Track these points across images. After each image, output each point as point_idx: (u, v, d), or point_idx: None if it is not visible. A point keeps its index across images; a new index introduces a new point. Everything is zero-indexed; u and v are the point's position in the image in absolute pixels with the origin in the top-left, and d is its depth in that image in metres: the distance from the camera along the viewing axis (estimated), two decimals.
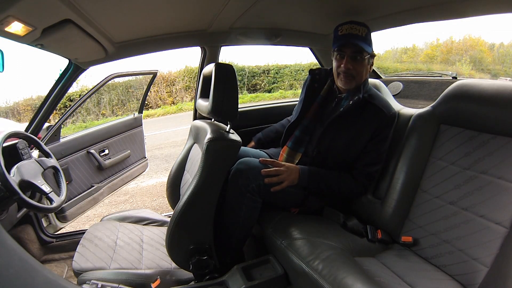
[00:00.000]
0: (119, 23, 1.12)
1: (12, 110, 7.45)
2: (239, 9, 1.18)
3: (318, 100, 1.22)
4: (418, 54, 11.10)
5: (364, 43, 1.07)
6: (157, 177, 3.43)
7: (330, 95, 1.22)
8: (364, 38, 1.07)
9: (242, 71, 9.13)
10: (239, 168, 1.08)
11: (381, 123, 1.09)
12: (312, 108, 1.22)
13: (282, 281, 1.00)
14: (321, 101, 1.21)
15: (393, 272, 0.92)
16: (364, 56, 1.09)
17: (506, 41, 10.38)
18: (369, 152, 1.12)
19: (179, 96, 8.82)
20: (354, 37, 1.06)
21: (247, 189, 1.06)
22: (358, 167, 1.13)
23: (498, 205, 0.81)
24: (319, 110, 1.22)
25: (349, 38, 1.06)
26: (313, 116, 1.21)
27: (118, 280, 0.99)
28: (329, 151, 1.14)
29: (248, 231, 1.14)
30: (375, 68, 1.98)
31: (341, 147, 1.12)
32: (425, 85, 1.69)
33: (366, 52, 1.08)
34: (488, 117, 0.88)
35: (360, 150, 1.12)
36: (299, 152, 1.22)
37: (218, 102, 0.98)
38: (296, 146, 1.22)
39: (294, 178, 1.10)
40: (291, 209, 1.20)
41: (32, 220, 1.54)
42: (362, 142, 1.11)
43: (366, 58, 1.10)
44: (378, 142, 1.11)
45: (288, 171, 1.10)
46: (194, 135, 1.32)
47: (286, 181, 1.09)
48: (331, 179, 1.12)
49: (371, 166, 1.12)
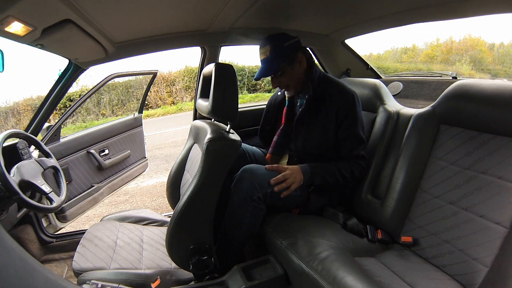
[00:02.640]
0: (119, 23, 1.12)
1: (12, 110, 7.45)
2: (239, 9, 1.18)
3: (287, 105, 1.29)
4: (418, 54, 11.11)
5: (271, 62, 1.13)
6: (157, 177, 3.43)
7: (293, 98, 1.29)
8: (270, 58, 1.13)
9: (242, 71, 9.13)
10: (244, 177, 1.08)
11: (341, 105, 1.13)
12: (284, 113, 1.29)
13: (282, 281, 1.00)
14: (289, 105, 1.29)
15: (393, 272, 0.92)
16: (277, 71, 1.15)
17: (506, 41, 10.40)
18: (346, 139, 1.15)
19: (179, 96, 8.82)
20: (263, 62, 1.16)
21: (253, 198, 1.05)
22: (346, 154, 1.16)
23: (498, 205, 0.81)
24: (289, 113, 1.28)
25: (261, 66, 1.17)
26: (286, 120, 1.28)
27: (118, 280, 0.99)
28: (307, 147, 1.19)
29: (250, 236, 1.13)
30: (375, 68, 1.98)
31: (316, 140, 1.17)
32: (425, 85, 1.69)
33: (277, 67, 1.13)
34: (488, 117, 0.87)
35: (334, 138, 1.16)
36: (284, 154, 1.27)
37: (218, 102, 0.98)
38: (279, 151, 1.28)
39: (299, 178, 1.10)
40: (292, 210, 1.21)
41: (32, 220, 1.54)
42: (333, 130, 1.16)
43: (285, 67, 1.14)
44: (349, 125, 1.14)
45: (293, 173, 1.10)
46: (194, 135, 1.32)
47: (294, 184, 1.09)
48: (331, 168, 1.14)
49: (355, 149, 1.15)
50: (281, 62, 1.13)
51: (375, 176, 1.20)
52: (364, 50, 11.80)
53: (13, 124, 7.22)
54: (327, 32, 1.68)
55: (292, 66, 1.16)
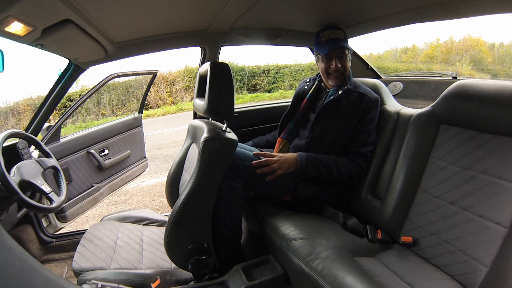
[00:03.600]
0: (119, 23, 1.12)
1: (12, 110, 7.44)
2: (239, 9, 1.18)
3: (308, 97, 1.36)
4: (418, 54, 11.10)
5: (345, 43, 1.25)
6: (157, 177, 3.43)
7: (319, 93, 1.37)
8: (344, 40, 1.25)
9: (242, 71, 9.13)
10: None
11: (366, 106, 1.21)
12: (303, 104, 1.37)
13: (282, 281, 1.00)
14: (311, 97, 1.36)
15: (393, 272, 0.92)
16: (347, 54, 1.26)
17: (506, 41, 10.38)
18: (360, 134, 1.21)
19: (179, 96, 8.82)
20: (336, 41, 1.24)
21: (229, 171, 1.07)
22: (352, 149, 1.22)
23: (498, 205, 0.81)
24: (309, 104, 1.36)
25: (334, 42, 1.23)
26: (304, 110, 1.36)
27: (118, 280, 0.99)
28: (321, 136, 1.24)
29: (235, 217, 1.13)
30: (375, 68, 1.98)
31: (332, 132, 1.23)
32: (425, 85, 1.69)
33: (348, 50, 1.25)
34: (488, 117, 0.87)
35: (350, 134, 1.22)
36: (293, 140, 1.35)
37: (214, 101, 0.98)
38: (290, 137, 1.35)
39: (290, 165, 1.16)
40: (283, 197, 1.22)
41: (32, 220, 1.54)
42: (351, 126, 1.21)
43: (349, 55, 1.27)
44: (366, 123, 1.21)
45: (282, 160, 1.16)
46: (191, 135, 1.32)
47: (280, 170, 1.15)
48: (329, 162, 1.18)
49: (363, 146, 1.21)
50: (349, 48, 1.25)
51: (375, 176, 1.21)
52: (364, 50, 11.79)
53: (13, 124, 7.22)
54: None
55: (350, 59, 1.28)
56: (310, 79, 1.45)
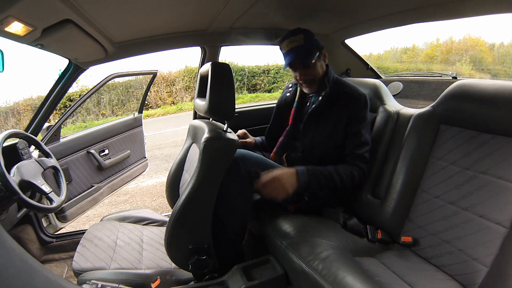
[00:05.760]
0: (119, 23, 1.12)
1: (12, 110, 7.44)
2: (239, 9, 1.18)
3: (295, 106, 1.31)
4: (418, 54, 11.10)
5: (305, 50, 1.13)
6: (157, 177, 3.43)
7: (303, 99, 1.31)
8: (304, 46, 1.12)
9: (242, 71, 9.13)
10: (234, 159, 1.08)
11: (354, 106, 1.15)
12: (292, 114, 1.30)
13: (282, 281, 1.00)
14: (297, 106, 1.31)
15: (393, 272, 0.92)
16: (311, 60, 1.14)
17: (506, 41, 10.37)
18: (353, 135, 1.15)
19: (179, 96, 8.82)
20: (295, 50, 1.13)
21: (241, 177, 1.06)
22: (348, 152, 1.16)
23: (498, 205, 0.81)
24: (297, 113, 1.30)
25: (293, 51, 1.13)
26: (293, 120, 1.29)
27: (118, 280, 0.99)
28: (313, 145, 1.19)
29: (243, 221, 1.13)
30: (375, 68, 1.98)
31: (323, 139, 1.18)
32: (425, 85, 1.69)
33: (311, 56, 1.14)
34: (488, 117, 0.87)
35: (342, 137, 1.17)
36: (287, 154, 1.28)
37: (215, 101, 0.98)
38: (283, 151, 1.29)
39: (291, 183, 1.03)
40: (287, 207, 1.20)
41: (32, 220, 1.54)
42: (342, 129, 1.16)
43: (315, 59, 1.15)
44: (357, 123, 1.15)
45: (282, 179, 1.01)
46: (192, 135, 1.32)
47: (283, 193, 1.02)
48: (329, 172, 1.09)
49: (359, 147, 1.14)
50: (314, 52, 1.14)
51: (375, 176, 1.20)
52: (364, 50, 11.76)
53: (13, 124, 7.22)
54: (327, 32, 1.68)
55: (320, 60, 1.18)
56: (292, 84, 1.39)
